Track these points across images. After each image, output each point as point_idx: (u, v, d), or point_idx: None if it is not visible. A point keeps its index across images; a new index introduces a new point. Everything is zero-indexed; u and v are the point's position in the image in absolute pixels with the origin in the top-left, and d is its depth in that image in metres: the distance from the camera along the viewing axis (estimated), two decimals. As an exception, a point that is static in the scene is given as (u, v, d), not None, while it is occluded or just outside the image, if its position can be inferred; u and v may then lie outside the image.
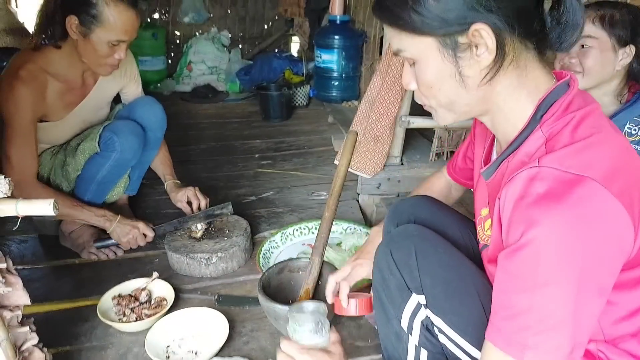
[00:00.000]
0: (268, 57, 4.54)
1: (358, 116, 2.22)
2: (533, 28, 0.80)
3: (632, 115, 1.52)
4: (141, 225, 1.88)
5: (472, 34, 0.77)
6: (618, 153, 0.78)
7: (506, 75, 0.81)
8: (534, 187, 0.73)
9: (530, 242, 0.71)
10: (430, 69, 0.83)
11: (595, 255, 0.71)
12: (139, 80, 2.13)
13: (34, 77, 1.68)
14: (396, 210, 1.36)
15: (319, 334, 1.06)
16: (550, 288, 0.72)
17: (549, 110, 0.81)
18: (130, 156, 1.88)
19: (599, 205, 0.71)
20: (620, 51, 1.48)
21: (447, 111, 0.90)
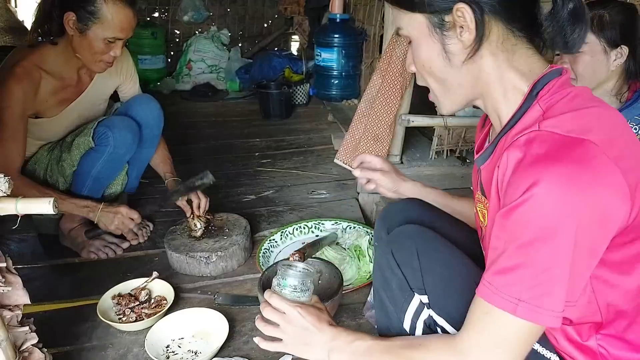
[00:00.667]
0: (268, 56, 4.54)
1: (358, 115, 2.22)
2: (519, 17, 0.84)
3: (632, 115, 1.51)
4: (123, 210, 1.87)
5: (456, 14, 0.83)
6: (615, 123, 0.82)
7: (493, 57, 0.86)
8: (534, 149, 0.76)
9: (530, 198, 0.73)
10: (422, 46, 0.90)
11: (592, 214, 0.73)
12: (136, 77, 2.13)
13: (28, 74, 1.69)
14: (387, 214, 1.36)
15: (302, 293, 1.07)
16: (547, 243, 0.73)
17: (545, 87, 0.84)
18: (124, 151, 1.88)
19: (598, 167, 0.73)
20: (612, 52, 1.48)
21: (444, 93, 0.95)
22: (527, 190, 0.73)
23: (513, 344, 0.79)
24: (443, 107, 0.98)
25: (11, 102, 1.66)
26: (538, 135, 0.77)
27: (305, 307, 1.04)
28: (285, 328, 1.03)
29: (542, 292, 0.75)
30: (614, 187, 0.74)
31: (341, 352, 0.98)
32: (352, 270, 1.79)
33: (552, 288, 0.75)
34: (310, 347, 1.02)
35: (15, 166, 1.73)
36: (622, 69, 1.51)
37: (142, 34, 4.55)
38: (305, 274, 1.09)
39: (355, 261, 1.84)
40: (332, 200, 2.41)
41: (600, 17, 1.46)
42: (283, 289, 1.07)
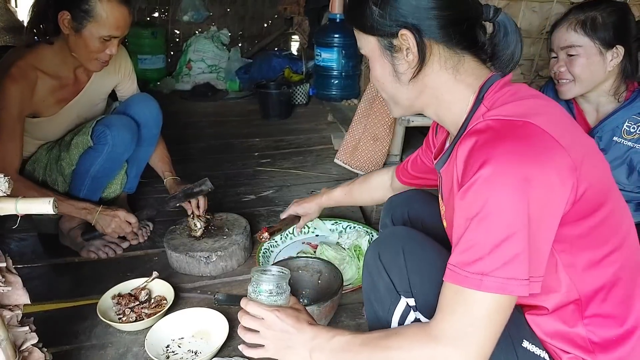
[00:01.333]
0: (268, 56, 4.54)
1: (357, 115, 2.22)
2: (459, 39, 0.94)
3: (630, 114, 1.52)
4: (121, 213, 1.87)
5: (401, 38, 0.93)
6: (553, 109, 0.90)
7: (436, 74, 0.96)
8: (482, 135, 0.83)
9: (481, 177, 0.78)
10: (376, 64, 1.01)
11: (540, 186, 0.77)
12: (134, 76, 2.13)
13: (24, 74, 1.69)
14: (391, 204, 1.47)
15: (279, 296, 1.06)
16: (500, 215, 0.77)
17: (489, 90, 0.93)
18: (122, 150, 1.88)
19: (541, 142, 0.80)
20: (607, 53, 1.48)
21: (394, 104, 1.06)
22: (478, 170, 0.79)
23: (486, 320, 0.80)
24: (392, 113, 1.10)
25: (8, 103, 1.65)
26: (483, 123, 0.86)
27: (283, 310, 1.03)
28: (265, 333, 1.03)
29: (503, 262, 0.78)
30: (558, 160, 0.80)
31: (322, 350, 0.98)
32: (352, 270, 1.79)
33: (512, 257, 0.78)
34: (293, 350, 1.01)
35: (13, 167, 1.73)
36: (619, 68, 1.51)
37: (142, 33, 4.56)
38: (279, 277, 1.08)
39: (355, 261, 1.84)
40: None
41: (593, 19, 1.46)
42: (259, 295, 1.06)
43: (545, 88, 1.73)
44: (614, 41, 1.46)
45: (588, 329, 0.89)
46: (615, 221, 0.89)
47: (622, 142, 1.52)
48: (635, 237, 0.94)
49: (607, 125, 1.54)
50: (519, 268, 0.78)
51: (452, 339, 0.82)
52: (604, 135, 1.55)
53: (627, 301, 0.90)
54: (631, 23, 1.49)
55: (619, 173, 1.53)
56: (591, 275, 0.88)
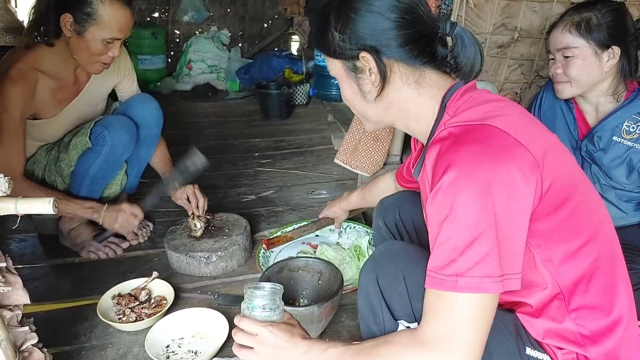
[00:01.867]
0: (268, 56, 4.54)
1: (358, 115, 2.21)
2: (417, 55, 0.97)
3: (630, 113, 1.52)
4: (125, 207, 1.88)
5: (362, 60, 0.98)
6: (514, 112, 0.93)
7: (398, 90, 1.00)
8: (445, 142, 0.87)
9: (445, 181, 0.81)
10: (343, 85, 1.06)
11: (503, 184, 0.80)
12: (134, 76, 2.12)
13: (24, 75, 1.69)
14: (382, 205, 1.51)
15: (272, 312, 1.06)
16: (466, 216, 0.80)
17: (450, 98, 0.97)
18: (121, 150, 1.88)
19: (500, 142, 0.83)
20: (603, 54, 1.48)
21: (366, 120, 1.12)
22: (442, 175, 0.82)
23: (471, 321, 0.82)
24: (366, 128, 1.16)
25: (9, 106, 1.65)
26: (445, 131, 0.90)
27: (277, 325, 1.03)
28: (259, 349, 1.02)
29: (475, 262, 0.80)
30: (519, 157, 0.82)
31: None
32: (352, 271, 1.79)
33: (483, 256, 0.79)
34: None
35: (18, 169, 1.72)
36: (617, 68, 1.51)
37: (142, 34, 4.55)
38: (272, 292, 1.07)
39: (355, 261, 1.84)
40: (332, 200, 2.40)
41: (587, 20, 1.46)
42: (252, 311, 1.05)
43: (546, 88, 1.73)
44: (609, 42, 1.46)
45: (576, 323, 0.90)
46: (586, 211, 0.91)
47: (622, 141, 1.52)
48: (611, 226, 0.96)
49: (606, 125, 1.54)
50: (491, 266, 0.80)
51: (440, 343, 0.83)
52: (604, 135, 1.55)
53: (609, 290, 0.91)
54: (628, 23, 1.49)
55: (619, 173, 1.53)
56: (569, 267, 0.89)
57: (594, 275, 0.90)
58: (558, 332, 0.92)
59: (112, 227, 1.88)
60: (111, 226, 1.88)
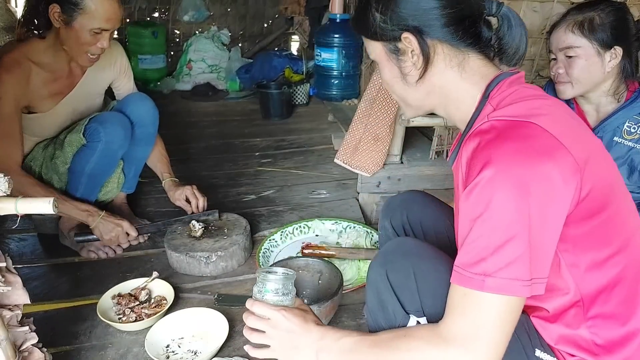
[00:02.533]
0: (268, 56, 4.54)
1: (358, 115, 2.21)
2: (462, 37, 0.94)
3: (631, 114, 1.51)
4: (125, 225, 1.86)
5: (404, 41, 0.95)
6: (558, 110, 0.90)
7: (441, 73, 0.97)
8: (485, 135, 0.84)
9: (484, 178, 0.79)
10: (384, 69, 1.04)
11: (542, 185, 0.78)
12: (131, 73, 2.12)
13: (17, 64, 1.69)
14: (389, 206, 1.43)
15: (285, 297, 1.05)
16: (501, 216, 0.78)
17: (495, 87, 0.93)
18: (116, 146, 1.87)
19: (543, 142, 0.80)
20: (606, 54, 1.48)
21: (406, 106, 1.09)
22: (481, 171, 0.79)
23: (495, 322, 0.80)
24: (406, 114, 1.15)
25: (4, 94, 1.65)
26: (487, 124, 0.86)
27: (290, 310, 1.02)
28: (271, 333, 1.02)
29: (505, 263, 0.78)
30: (561, 160, 0.80)
31: (329, 351, 0.97)
32: (352, 271, 1.79)
33: (515, 258, 0.78)
34: (299, 350, 1.00)
35: (15, 160, 1.72)
36: (618, 69, 1.51)
37: (143, 33, 4.55)
38: (285, 277, 1.06)
39: (355, 261, 1.84)
40: (332, 200, 2.41)
41: (590, 20, 1.46)
42: (265, 294, 1.05)
43: (546, 88, 1.73)
44: (612, 42, 1.46)
45: (591, 331, 0.88)
46: (619, 221, 0.89)
47: (623, 142, 1.51)
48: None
49: (607, 126, 1.54)
50: (521, 269, 0.78)
51: (463, 341, 0.82)
52: (605, 136, 1.55)
53: (630, 301, 0.89)
54: (630, 23, 1.49)
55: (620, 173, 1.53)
56: (594, 275, 0.87)
57: (617, 285, 0.88)
58: (572, 339, 0.90)
59: (101, 237, 1.85)
60: (101, 236, 1.85)
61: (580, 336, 0.89)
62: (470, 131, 0.91)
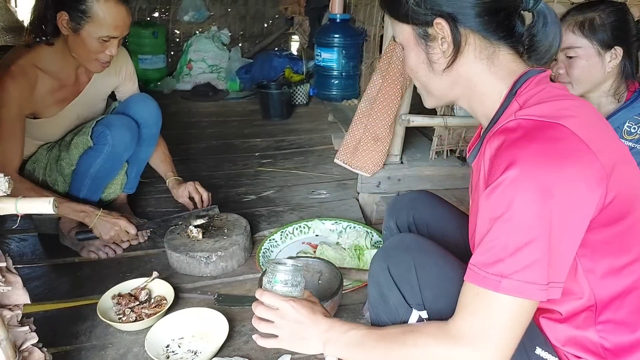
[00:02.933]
0: (268, 56, 4.54)
1: (358, 115, 2.22)
2: (495, 29, 0.92)
3: (631, 114, 1.51)
4: (123, 223, 1.86)
5: (435, 27, 0.92)
6: (587, 112, 0.87)
7: (470, 64, 0.94)
8: (511, 134, 0.82)
9: (507, 178, 0.77)
10: (410, 53, 1.00)
11: (566, 190, 0.76)
12: (135, 78, 2.13)
13: (24, 72, 1.69)
14: (395, 206, 1.40)
15: (294, 288, 1.07)
16: (523, 218, 0.76)
17: (523, 85, 0.90)
18: (122, 150, 1.88)
19: (570, 145, 0.78)
20: (607, 54, 1.48)
21: (427, 94, 1.06)
22: (505, 171, 0.77)
23: (506, 324, 0.80)
24: (426, 104, 1.09)
25: (7, 101, 1.65)
26: (514, 122, 0.84)
27: (298, 301, 1.04)
28: (280, 323, 1.04)
29: (523, 266, 0.77)
30: (587, 165, 0.78)
31: (336, 342, 0.99)
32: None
33: (533, 261, 0.77)
34: (306, 341, 1.02)
35: (13, 166, 1.73)
36: (619, 69, 1.51)
37: (143, 33, 4.55)
38: (295, 269, 1.08)
39: (355, 261, 1.84)
40: (332, 200, 2.41)
41: (591, 21, 1.46)
42: (274, 285, 1.07)
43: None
44: (612, 42, 1.46)
45: (600, 335, 0.88)
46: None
47: (623, 142, 1.51)
48: None
49: (607, 126, 1.54)
50: (538, 273, 0.77)
51: (472, 340, 0.81)
52: (605, 136, 1.55)
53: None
54: (630, 24, 1.49)
55: None
56: (610, 281, 0.86)
57: (632, 293, 0.87)
58: (579, 341, 0.90)
59: (101, 237, 1.86)
60: (101, 235, 1.85)
61: (589, 339, 0.89)
62: (495, 128, 0.89)
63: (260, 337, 1.09)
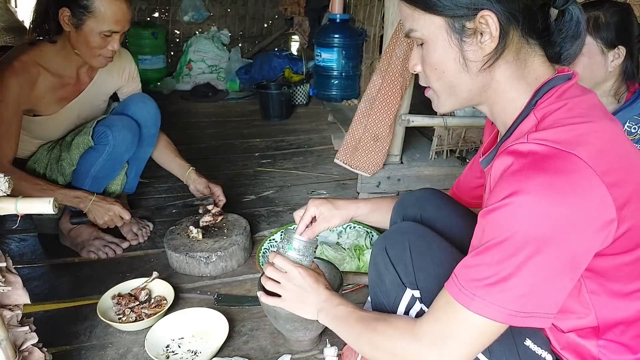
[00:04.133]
0: (268, 56, 4.55)
1: (358, 115, 2.22)
2: (536, 27, 0.85)
3: (631, 114, 1.51)
4: (116, 208, 1.86)
5: (479, 20, 0.82)
6: (608, 138, 0.80)
7: (507, 65, 0.87)
8: (521, 159, 0.77)
9: (507, 204, 0.75)
10: (437, 49, 0.88)
11: (567, 225, 0.73)
12: (138, 79, 2.13)
13: (26, 69, 1.70)
14: (403, 203, 1.38)
15: (304, 257, 1.22)
16: (512, 246, 0.74)
17: (544, 96, 0.85)
18: (123, 150, 1.88)
19: (579, 179, 0.73)
20: (609, 53, 1.48)
21: (448, 96, 0.94)
22: (507, 197, 0.75)
23: (465, 338, 0.82)
24: (442, 107, 0.98)
25: (6, 96, 1.66)
26: (525, 146, 0.79)
27: (306, 269, 1.17)
28: (286, 285, 1.16)
29: (499, 290, 0.76)
30: (595, 201, 0.74)
31: (327, 313, 1.10)
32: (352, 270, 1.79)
33: (512, 287, 0.76)
34: (305, 305, 1.15)
35: (7, 158, 1.73)
36: (620, 69, 1.51)
37: (143, 34, 4.56)
38: (309, 241, 1.24)
39: (355, 261, 1.84)
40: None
41: (595, 19, 1.46)
42: (287, 251, 1.20)
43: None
44: (616, 41, 1.46)
45: (600, 351, 0.87)
46: None
47: None
48: None
49: (608, 126, 1.54)
50: (512, 300, 0.76)
51: (430, 344, 0.85)
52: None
53: None
54: (634, 24, 1.49)
55: None
56: (616, 306, 0.85)
57: (637, 321, 0.85)
58: (578, 349, 0.89)
59: (96, 221, 1.86)
60: (95, 220, 1.85)
61: (588, 350, 0.88)
62: (508, 142, 0.85)
63: (264, 295, 1.21)
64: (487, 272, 0.77)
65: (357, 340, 1.01)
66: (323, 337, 1.47)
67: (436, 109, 1.01)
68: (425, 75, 0.95)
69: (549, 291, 0.77)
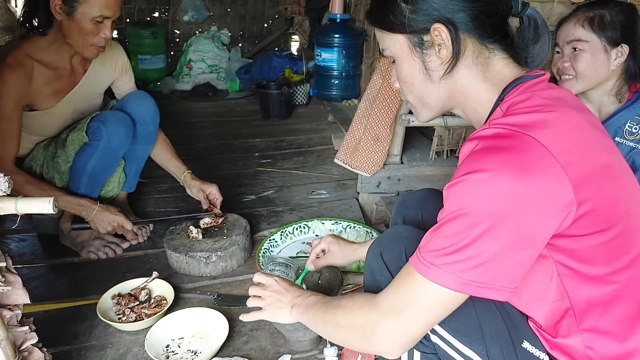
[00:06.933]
0: (268, 56, 4.54)
1: (358, 115, 2.22)
2: (491, 32, 0.92)
3: (632, 114, 1.52)
4: (119, 219, 1.87)
5: (433, 33, 0.91)
6: (569, 125, 0.84)
7: (468, 70, 0.94)
8: (482, 141, 0.84)
9: (465, 180, 0.80)
10: (404, 64, 0.98)
11: (525, 202, 0.77)
12: (131, 73, 2.13)
13: (20, 63, 1.70)
14: (404, 203, 1.42)
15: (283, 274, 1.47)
16: (465, 217, 0.79)
17: (510, 91, 0.91)
18: (117, 145, 1.88)
19: (534, 158, 0.78)
20: (612, 52, 1.48)
21: (422, 106, 1.04)
22: (467, 174, 0.80)
23: (421, 306, 0.85)
24: (421, 117, 1.07)
25: (5, 92, 1.66)
26: (486, 130, 0.85)
27: (281, 278, 1.26)
28: (264, 294, 1.23)
29: (454, 260, 0.80)
30: (549, 179, 0.78)
31: (299, 305, 1.15)
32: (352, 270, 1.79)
33: (467, 257, 0.79)
34: (281, 309, 1.19)
35: (9, 157, 1.73)
36: (623, 69, 1.51)
37: (143, 33, 4.55)
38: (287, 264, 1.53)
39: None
40: (332, 200, 2.41)
41: (601, 17, 1.47)
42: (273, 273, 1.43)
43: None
44: (619, 40, 1.47)
45: (586, 345, 0.87)
46: (625, 242, 0.86)
47: (624, 142, 1.52)
48: None
49: (609, 126, 1.54)
50: (467, 269, 0.79)
51: (388, 311, 0.89)
52: (606, 136, 1.55)
53: (630, 321, 0.86)
54: (638, 24, 1.50)
55: None
56: (588, 288, 0.86)
57: (613, 303, 0.86)
58: (565, 350, 0.89)
59: (98, 230, 1.87)
60: (97, 230, 1.87)
61: (574, 347, 0.88)
62: (473, 134, 0.89)
63: (245, 315, 1.28)
64: (445, 242, 0.81)
65: (324, 322, 1.05)
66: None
67: (418, 119, 1.09)
68: (401, 89, 1.05)
69: (504, 264, 0.80)
